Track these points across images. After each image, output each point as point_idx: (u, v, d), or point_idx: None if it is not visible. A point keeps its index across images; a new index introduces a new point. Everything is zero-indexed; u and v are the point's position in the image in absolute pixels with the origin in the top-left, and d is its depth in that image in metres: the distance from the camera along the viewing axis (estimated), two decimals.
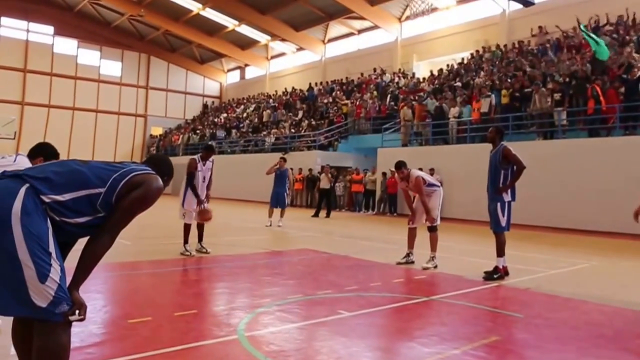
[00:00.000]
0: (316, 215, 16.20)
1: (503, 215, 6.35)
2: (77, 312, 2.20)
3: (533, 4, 5.34)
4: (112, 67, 35.82)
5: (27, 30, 32.54)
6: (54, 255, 2.12)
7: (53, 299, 2.10)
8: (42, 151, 3.77)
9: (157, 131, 37.33)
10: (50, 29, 33.24)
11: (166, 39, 35.99)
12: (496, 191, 6.36)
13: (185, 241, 7.67)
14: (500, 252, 6.40)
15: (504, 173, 6.35)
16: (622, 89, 13.09)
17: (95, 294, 5.13)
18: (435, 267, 7.02)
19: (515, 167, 6.33)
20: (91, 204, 2.25)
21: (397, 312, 4.79)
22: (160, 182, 2.46)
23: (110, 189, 2.29)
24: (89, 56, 34.91)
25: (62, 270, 2.17)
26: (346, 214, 18.57)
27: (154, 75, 37.42)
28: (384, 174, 17.60)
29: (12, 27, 32.07)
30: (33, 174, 2.20)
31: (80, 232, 2.30)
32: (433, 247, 7.17)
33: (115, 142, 35.47)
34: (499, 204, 6.35)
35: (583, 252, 9.41)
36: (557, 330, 4.19)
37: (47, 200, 2.14)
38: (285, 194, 13.29)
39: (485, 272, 6.38)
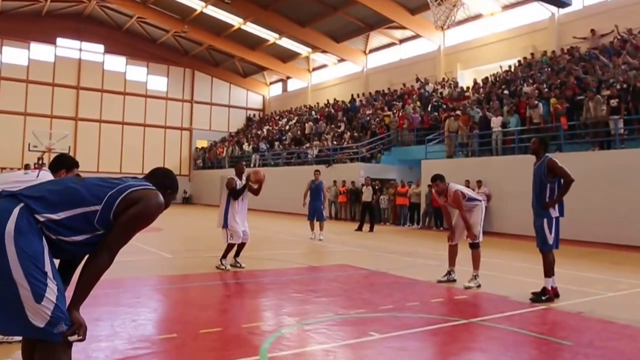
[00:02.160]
0: (359, 229, 15.98)
1: (550, 233, 5.96)
2: (76, 332, 2.17)
3: (569, 4, 5.05)
4: (158, 83, 37.09)
5: (80, 50, 34.20)
6: (50, 275, 2.10)
7: (50, 319, 2.08)
8: (62, 163, 3.84)
9: (203, 144, 38.28)
10: (100, 48, 34.81)
11: (209, 53, 36.96)
12: (542, 206, 6.00)
13: (224, 256, 7.66)
14: (549, 272, 5.99)
15: (550, 187, 5.98)
16: None
17: (127, 307, 5.17)
18: (479, 286, 6.68)
19: (562, 180, 5.95)
20: (88, 222, 2.23)
21: (433, 335, 4.54)
22: (160, 197, 2.41)
23: (107, 206, 2.26)
24: (137, 72, 36.29)
25: (60, 289, 2.14)
26: (390, 227, 18.23)
27: (198, 90, 38.49)
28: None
29: (67, 47, 33.79)
30: (28, 193, 2.20)
31: (79, 250, 2.28)
32: (475, 265, 6.83)
33: (163, 155, 36.59)
34: (545, 220, 5.98)
35: None
36: None
37: (41, 219, 2.13)
38: (322, 207, 13.29)
39: (533, 294, 6.00)
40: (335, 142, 24.27)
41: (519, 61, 21.13)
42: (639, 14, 17.68)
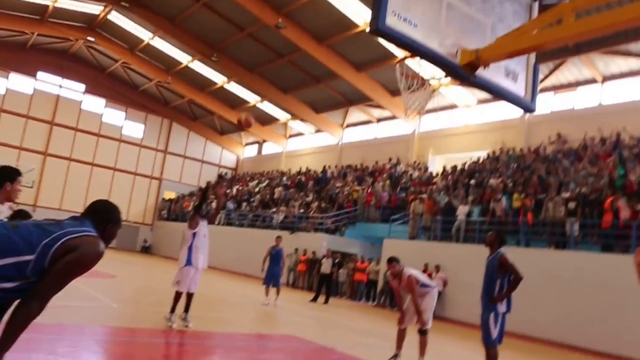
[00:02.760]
0: (314, 300, 15.87)
1: (495, 327, 6.03)
2: None
3: (533, 110, 5.59)
4: (134, 129, 37.23)
5: (60, 86, 34.39)
6: None
7: None
8: (3, 176, 3.48)
9: (170, 195, 37.98)
10: (82, 87, 35.08)
11: (190, 107, 37.61)
12: (490, 300, 6.09)
13: (172, 310, 7.51)
14: None
15: (500, 282, 6.08)
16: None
17: (59, 357, 5.02)
18: None
19: (512, 277, 6.07)
20: (20, 270, 2.18)
21: None
22: (98, 245, 2.35)
23: (41, 255, 2.22)
24: (114, 116, 36.46)
25: None
26: (346, 301, 18.14)
27: (173, 141, 38.74)
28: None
29: (47, 82, 33.98)
30: None
31: (8, 296, 2.23)
32: (422, 352, 6.90)
33: (129, 201, 36.14)
34: (492, 315, 6.02)
35: None
36: None
37: None
38: (280, 273, 13.35)
39: None
40: (302, 210, 24.48)
41: (488, 154, 22.19)
42: (604, 124, 18.98)
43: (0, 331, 2.25)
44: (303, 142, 35.50)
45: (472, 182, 19.06)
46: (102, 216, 2.51)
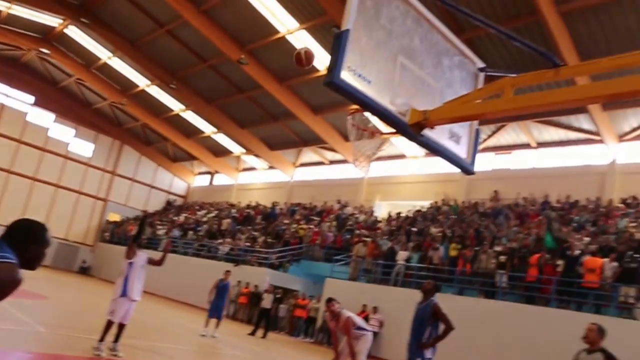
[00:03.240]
0: (252, 333, 15.72)
1: None
2: None
3: (472, 173, 5.95)
4: (83, 147, 36.03)
5: (6, 95, 32.97)
6: None
7: None
8: None
9: (115, 217, 36.67)
10: (31, 99, 33.77)
11: (143, 131, 36.93)
12: (419, 346, 6.21)
13: (101, 339, 7.29)
14: None
15: (430, 329, 6.17)
16: (559, 263, 13.90)
17: None
18: None
19: (440, 326, 6.21)
20: None
21: None
22: (14, 273, 2.14)
23: None
24: (62, 131, 35.18)
25: None
26: (284, 337, 17.99)
27: (123, 163, 37.70)
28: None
29: None
30: None
31: None
32: None
33: (70, 220, 34.64)
34: None
35: None
36: None
37: None
38: (224, 305, 13.42)
39: None
40: (247, 244, 24.33)
41: (431, 204, 23.05)
42: (535, 186, 20.33)
43: None
44: (255, 176, 35.52)
45: (414, 229, 19.70)
46: (23, 237, 2.28)
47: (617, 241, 14.18)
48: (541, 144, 22.11)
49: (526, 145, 22.49)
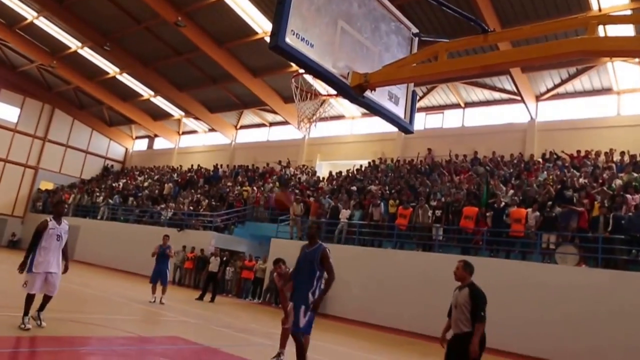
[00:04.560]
0: (200, 298, 15.48)
1: (305, 317, 5.98)
2: None
3: (411, 132, 5.99)
4: (8, 112, 33.14)
5: None
6: None
7: None
8: None
9: (47, 186, 34.44)
10: None
11: (76, 94, 34.51)
12: (312, 306, 5.96)
13: (26, 313, 6.80)
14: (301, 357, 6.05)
15: (319, 274, 6.05)
16: (488, 215, 14.53)
17: None
18: None
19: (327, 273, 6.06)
20: None
21: None
22: None
23: None
24: None
25: None
26: (232, 300, 17.89)
27: (55, 128, 35.13)
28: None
29: None
30: None
31: None
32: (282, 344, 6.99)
33: None
34: (303, 307, 5.97)
35: None
36: None
37: None
38: (167, 271, 13.37)
39: None
40: (191, 208, 23.71)
41: (369, 162, 23.29)
42: (465, 143, 21.04)
43: None
44: (196, 139, 34.43)
45: (354, 188, 19.87)
46: None
47: (538, 193, 14.99)
48: (469, 104, 22.93)
49: (456, 105, 23.13)
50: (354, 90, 5.44)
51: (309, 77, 6.28)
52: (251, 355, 7.50)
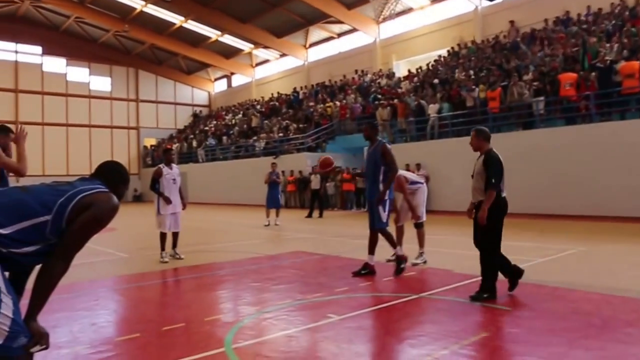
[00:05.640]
0: (309, 216, 16.07)
1: (385, 211, 6.15)
2: (38, 342, 2.06)
3: None
4: (101, 83, 35.33)
5: (16, 52, 32.00)
6: (2, 289, 1.95)
7: (9, 334, 1.94)
8: None
9: (151, 142, 36.97)
10: (38, 49, 32.68)
11: (152, 52, 35.60)
12: (377, 199, 6.09)
13: (162, 248, 7.80)
14: (373, 250, 6.24)
15: (384, 170, 6.10)
16: (592, 76, 13.01)
17: (84, 311, 4.92)
18: (425, 262, 6.87)
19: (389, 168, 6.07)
20: (39, 232, 2.06)
21: (386, 312, 4.62)
22: (113, 200, 2.26)
23: (58, 215, 2.10)
24: (78, 73, 34.40)
25: (15, 303, 1.99)
26: (339, 212, 18.38)
27: (143, 88, 37.00)
28: None
29: (1, 49, 31.51)
30: None
31: (31, 260, 2.11)
32: (421, 243, 7.01)
33: (111, 155, 34.97)
34: (381, 203, 6.12)
35: (571, 238, 9.27)
36: (545, 321, 4.05)
37: None
38: (279, 195, 13.91)
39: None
40: (281, 134, 24.13)
41: (448, 51, 21.73)
42: (551, 6, 18.61)
43: (29, 295, 2.12)
44: (270, 68, 34.34)
45: (436, 81, 18.77)
46: (112, 177, 2.41)
47: None
48: None
49: None
50: None
51: None
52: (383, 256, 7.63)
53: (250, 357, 3.44)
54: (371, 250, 6.22)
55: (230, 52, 33.66)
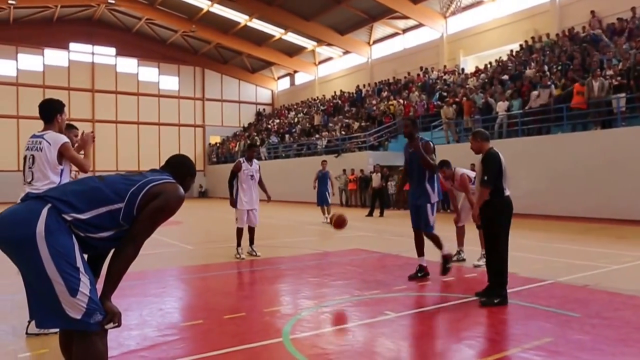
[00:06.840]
0: (370, 214, 16.11)
1: (432, 214, 6.06)
2: (112, 320, 2.28)
3: None
4: (170, 82, 37.24)
5: (93, 53, 34.39)
6: (82, 269, 2.18)
7: (86, 311, 2.17)
8: (52, 109, 4.34)
9: (215, 139, 38.50)
10: (112, 50, 34.97)
11: (218, 51, 37.00)
12: (428, 198, 6.01)
13: (238, 244, 7.85)
14: (422, 251, 6.26)
15: (429, 170, 5.93)
16: None
17: (153, 297, 5.31)
18: None
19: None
20: (113, 219, 2.28)
21: (445, 312, 4.62)
22: (179, 190, 2.44)
23: (130, 203, 2.31)
24: (149, 73, 36.45)
25: (92, 282, 2.23)
26: (400, 212, 18.23)
27: (208, 87, 38.60)
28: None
29: (80, 52, 34.00)
30: (54, 194, 2.26)
31: (106, 245, 2.34)
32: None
33: (178, 151, 36.72)
34: (428, 205, 6.01)
35: None
36: (618, 330, 3.89)
37: (69, 218, 2.19)
38: (327, 193, 14.15)
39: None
40: (343, 132, 24.28)
41: (520, 45, 20.91)
42: None
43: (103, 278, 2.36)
44: (333, 66, 34.59)
45: (505, 77, 18.12)
46: (180, 169, 2.59)
47: None
48: None
49: None
50: None
51: None
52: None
53: (306, 348, 3.59)
54: (420, 252, 6.21)
55: (293, 50, 34.27)
